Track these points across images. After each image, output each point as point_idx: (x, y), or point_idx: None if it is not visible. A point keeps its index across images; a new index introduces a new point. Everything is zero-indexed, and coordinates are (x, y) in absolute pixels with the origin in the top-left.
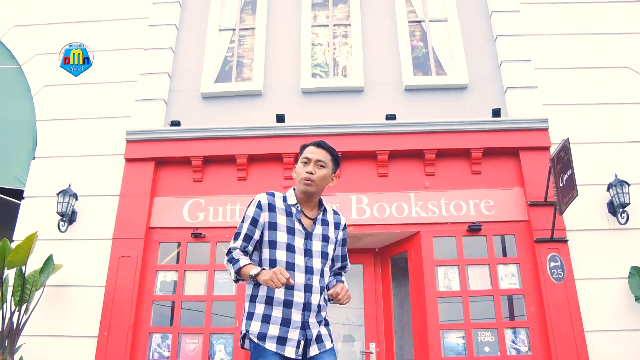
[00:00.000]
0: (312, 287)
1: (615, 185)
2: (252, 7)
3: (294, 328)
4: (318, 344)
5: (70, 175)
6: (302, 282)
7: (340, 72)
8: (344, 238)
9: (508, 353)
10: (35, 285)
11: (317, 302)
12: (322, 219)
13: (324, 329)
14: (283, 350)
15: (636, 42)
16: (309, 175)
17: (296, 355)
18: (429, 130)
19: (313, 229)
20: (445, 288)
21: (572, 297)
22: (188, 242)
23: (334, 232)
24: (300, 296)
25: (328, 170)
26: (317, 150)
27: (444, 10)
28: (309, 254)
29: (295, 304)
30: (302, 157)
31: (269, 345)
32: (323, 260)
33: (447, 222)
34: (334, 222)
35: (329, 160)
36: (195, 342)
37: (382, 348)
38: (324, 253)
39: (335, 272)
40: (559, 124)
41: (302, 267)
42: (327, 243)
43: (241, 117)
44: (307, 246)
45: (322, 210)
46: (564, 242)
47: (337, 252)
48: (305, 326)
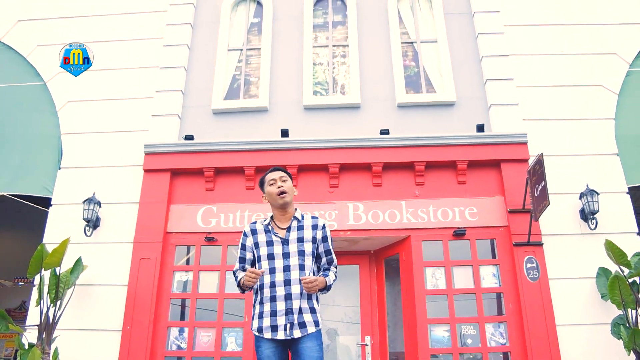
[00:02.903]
0: (290, 280)
1: (586, 195)
2: (258, 29)
3: (280, 316)
4: (301, 329)
5: (94, 185)
6: (282, 279)
7: (339, 90)
8: (324, 235)
9: (488, 344)
10: (67, 284)
11: (297, 292)
12: (298, 225)
13: (309, 316)
14: (276, 335)
15: (610, 62)
16: (281, 189)
17: (285, 336)
18: (419, 144)
19: (288, 236)
20: (432, 287)
21: (545, 295)
22: (202, 246)
23: (311, 232)
24: (282, 290)
25: (290, 182)
26: (276, 172)
27: (434, 32)
28: (286, 256)
29: (279, 296)
30: (267, 182)
31: (266, 334)
32: (300, 257)
33: (435, 228)
34: (312, 224)
35: (287, 175)
36: (209, 335)
37: (376, 340)
38: (301, 251)
39: (324, 268)
40: (537, 138)
41: (281, 267)
42: (302, 243)
43: (249, 131)
44: (284, 250)
45: (294, 219)
46: (540, 246)
47: (320, 249)
48: (289, 312)
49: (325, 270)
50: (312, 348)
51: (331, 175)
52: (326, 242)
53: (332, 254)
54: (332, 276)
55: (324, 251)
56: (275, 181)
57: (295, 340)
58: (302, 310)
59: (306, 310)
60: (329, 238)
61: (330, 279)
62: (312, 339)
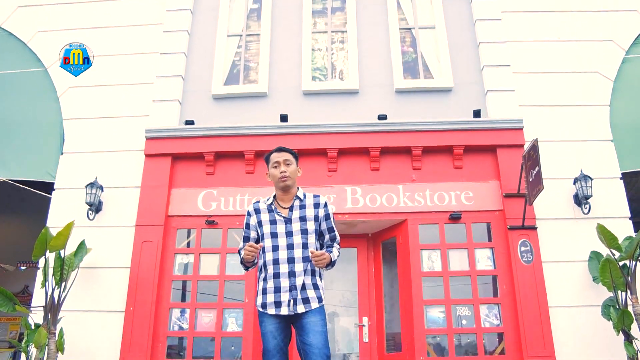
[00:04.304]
0: (294, 258)
1: (580, 180)
2: (257, 15)
3: (284, 292)
4: (305, 304)
5: (96, 169)
6: (285, 257)
7: (337, 76)
8: (326, 213)
9: (482, 325)
10: (71, 267)
11: (301, 269)
12: (300, 204)
13: (312, 292)
14: (279, 311)
15: (606, 48)
16: (283, 174)
17: (289, 311)
18: (417, 129)
19: (290, 215)
20: (428, 269)
21: (539, 277)
22: (202, 229)
23: (313, 210)
24: (285, 267)
25: (294, 165)
26: (281, 153)
27: (433, 18)
28: (289, 235)
29: (282, 274)
30: (271, 163)
31: (270, 310)
32: (303, 235)
33: (431, 211)
34: (313, 203)
35: (292, 157)
36: (210, 315)
37: (373, 321)
38: (304, 230)
39: (328, 245)
40: (533, 124)
41: (284, 245)
42: (305, 222)
43: (248, 117)
44: (287, 229)
45: (297, 198)
46: (534, 229)
47: (322, 227)
48: (292, 289)
49: (328, 247)
50: (316, 323)
51: (330, 159)
52: (328, 219)
53: (335, 231)
54: (335, 252)
55: (327, 228)
56: (279, 164)
57: (299, 316)
58: (306, 286)
59: (309, 286)
60: (331, 216)
61: (334, 255)
62: (315, 314)
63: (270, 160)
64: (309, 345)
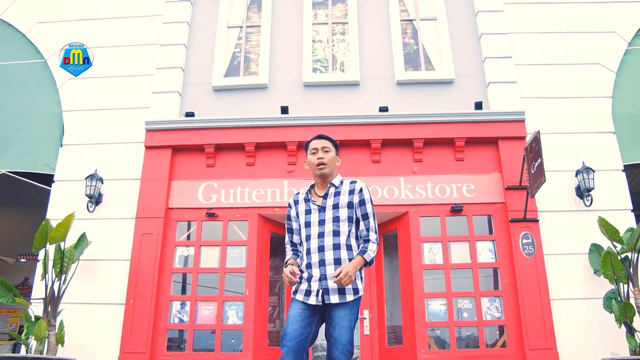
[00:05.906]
0: (324, 247)
1: (582, 172)
2: (257, 6)
3: (314, 281)
4: (340, 295)
5: (96, 161)
6: (316, 246)
7: (338, 67)
8: (361, 199)
9: (484, 318)
10: (71, 259)
11: (331, 258)
12: (335, 191)
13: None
14: (308, 299)
15: (608, 40)
16: (320, 160)
17: (316, 302)
18: (418, 121)
19: (325, 203)
20: (430, 262)
21: (540, 270)
22: (203, 221)
23: (347, 197)
24: (316, 257)
25: (333, 153)
26: (320, 140)
27: (434, 10)
28: (322, 223)
29: (313, 263)
30: (309, 149)
31: (299, 297)
32: (335, 223)
33: (433, 204)
34: (349, 189)
35: (331, 145)
36: (210, 308)
37: (374, 314)
38: (336, 217)
39: (364, 240)
40: (535, 116)
41: (315, 234)
42: (337, 209)
43: (249, 108)
44: (320, 217)
45: (331, 186)
46: (535, 222)
47: (358, 214)
48: (322, 278)
49: (365, 242)
50: (343, 317)
51: None
52: (363, 205)
53: (370, 218)
54: (370, 251)
55: (362, 215)
56: (317, 150)
57: (331, 306)
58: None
59: None
60: (367, 201)
61: (368, 255)
62: (346, 308)
63: (308, 147)
64: (334, 339)
